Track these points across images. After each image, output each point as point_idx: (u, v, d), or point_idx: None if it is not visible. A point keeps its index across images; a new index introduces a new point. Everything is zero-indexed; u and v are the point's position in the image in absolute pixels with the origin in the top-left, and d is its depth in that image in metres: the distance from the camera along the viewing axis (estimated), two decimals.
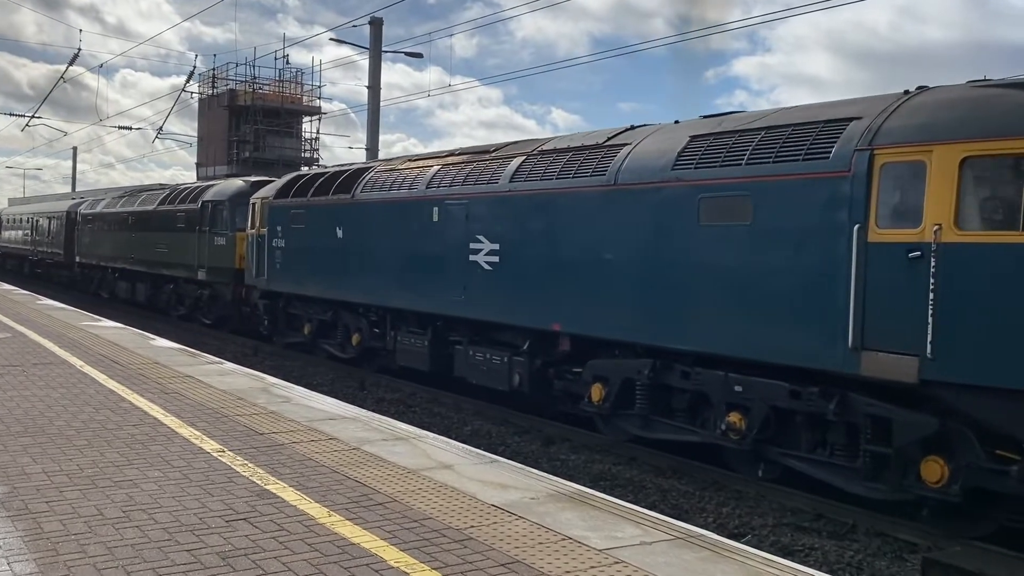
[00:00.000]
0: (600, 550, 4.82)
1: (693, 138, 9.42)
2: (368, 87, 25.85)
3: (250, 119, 35.59)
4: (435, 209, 12.95)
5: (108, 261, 29.81)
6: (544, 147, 11.74)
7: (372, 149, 25.71)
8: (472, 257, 12.04)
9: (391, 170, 14.78)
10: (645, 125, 10.95)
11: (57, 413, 7.99)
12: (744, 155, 8.67)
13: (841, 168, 7.74)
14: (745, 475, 9.03)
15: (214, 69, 37.95)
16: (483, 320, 12.11)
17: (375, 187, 14.72)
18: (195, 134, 40.30)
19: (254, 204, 19.04)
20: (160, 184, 33.52)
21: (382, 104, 25.95)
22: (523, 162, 11.68)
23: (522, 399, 12.09)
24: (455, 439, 9.00)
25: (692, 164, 9.16)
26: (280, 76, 36.11)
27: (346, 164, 17.26)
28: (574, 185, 10.61)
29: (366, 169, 15.70)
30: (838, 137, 7.92)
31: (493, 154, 12.66)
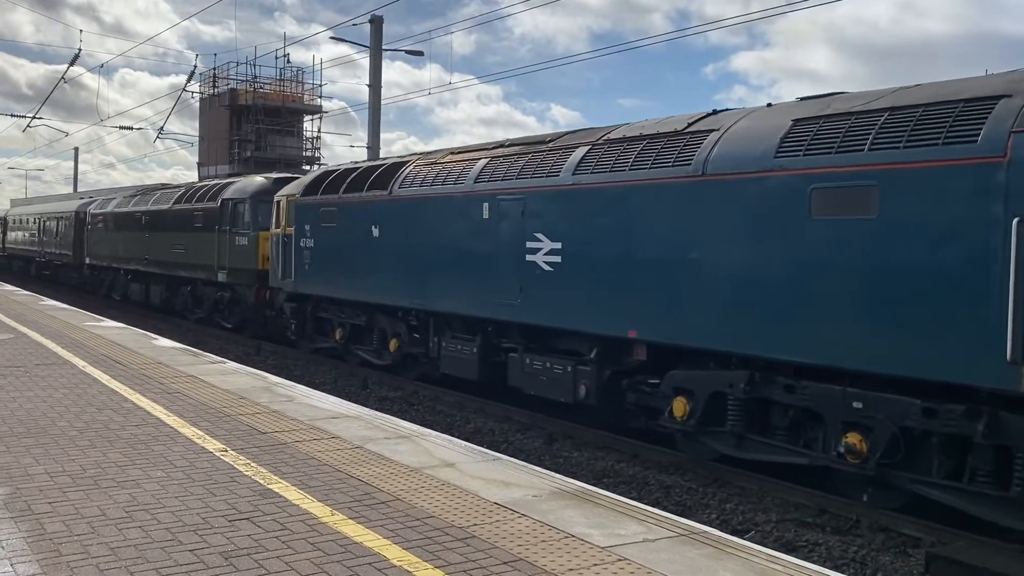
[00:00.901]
0: (603, 548, 4.82)
1: (797, 122, 8.40)
2: (369, 85, 25.84)
3: (251, 118, 35.59)
4: (485, 205, 11.92)
5: (120, 262, 28.85)
6: (611, 135, 10.67)
7: (373, 147, 25.68)
8: (529, 257, 11.06)
9: (432, 164, 13.74)
10: (728, 110, 9.98)
11: (60, 414, 8.00)
12: (866, 140, 7.68)
13: (994, 153, 6.78)
14: (855, 500, 8.10)
15: (215, 68, 37.95)
16: (542, 326, 11.12)
17: (415, 182, 13.71)
18: (196, 133, 40.35)
19: (279, 202, 18.07)
20: (164, 184, 33.23)
21: (382, 102, 25.94)
22: (588, 152, 10.63)
23: (588, 413, 11.16)
24: (457, 437, 9.01)
25: (800, 151, 8.14)
26: (281, 75, 36.11)
27: (379, 159, 16.23)
28: (651, 176, 9.54)
29: (403, 163, 14.62)
30: (986, 117, 6.98)
31: (550, 144, 11.63)
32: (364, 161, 16.81)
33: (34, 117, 42.98)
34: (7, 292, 25.33)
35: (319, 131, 37.03)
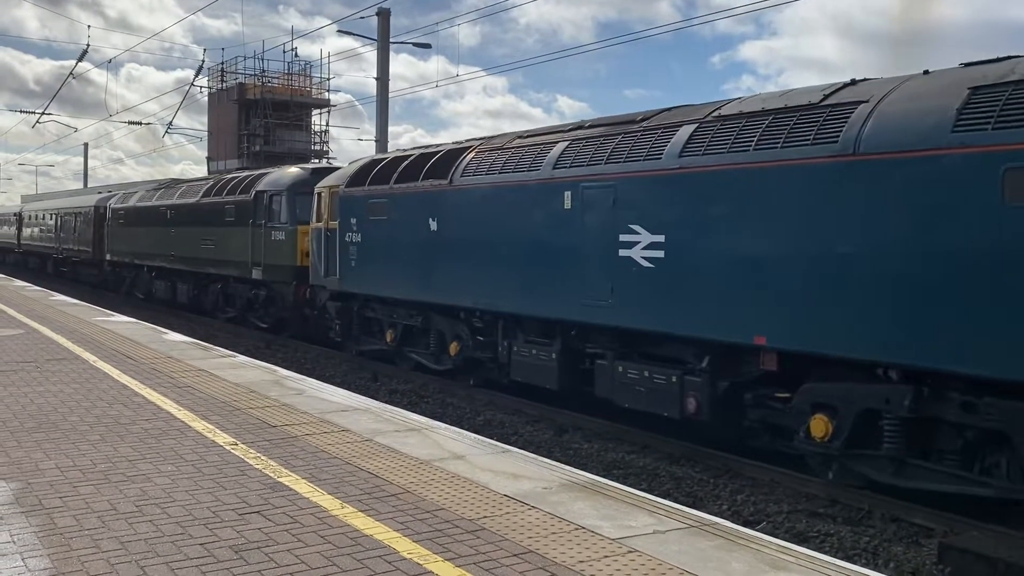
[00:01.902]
0: (613, 539, 4.80)
1: (976, 90, 7.11)
2: (376, 79, 25.83)
3: (260, 113, 35.62)
4: (567, 194, 10.66)
5: (143, 259, 27.68)
6: (723, 111, 9.37)
7: (382, 141, 25.69)
8: (624, 252, 9.77)
9: (498, 149, 12.46)
10: (867, 80, 8.60)
11: (71, 408, 8.02)
12: None
13: None
14: None
15: (223, 63, 37.98)
16: (639, 330, 9.80)
17: (480, 170, 12.41)
18: (203, 128, 40.41)
19: (320, 194, 16.86)
20: (174, 178, 33.19)
21: (389, 95, 25.91)
22: (696, 131, 9.32)
23: (698, 429, 9.75)
24: (467, 429, 9.02)
25: (986, 124, 6.84)
26: (289, 69, 36.12)
27: (433, 146, 14.84)
28: (783, 158, 8.23)
29: (463, 149, 13.34)
30: None
31: (644, 123, 10.30)
32: (415, 148, 15.39)
33: (43, 113, 43.15)
34: (18, 288, 25.44)
35: (327, 125, 36.99)
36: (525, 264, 11.39)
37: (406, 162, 14.46)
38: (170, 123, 37.81)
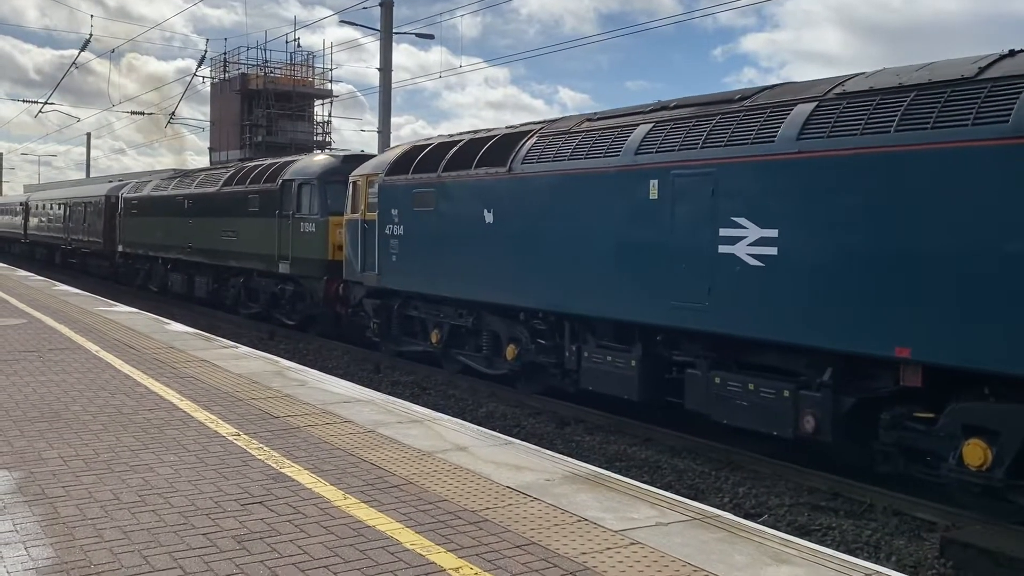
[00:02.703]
0: (616, 531, 4.80)
1: None
2: (379, 69, 25.77)
3: (262, 103, 35.58)
4: (653, 183, 9.51)
5: (158, 251, 26.38)
6: (847, 87, 8.27)
7: (384, 132, 25.65)
8: (725, 248, 8.68)
9: (565, 134, 11.31)
10: None
11: (73, 398, 8.03)
12: None
13: None
14: None
15: (225, 54, 37.92)
16: (743, 337, 8.69)
17: (543, 156, 11.29)
18: (205, 118, 40.36)
19: (356, 183, 15.66)
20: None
21: (391, 86, 25.86)
22: (816, 111, 8.23)
23: (817, 449, 8.78)
24: (469, 421, 9.01)
25: None
26: (291, 60, 36.06)
27: (482, 130, 13.72)
28: (936, 140, 7.10)
29: (522, 134, 12.13)
30: None
31: (747, 103, 9.13)
32: (463, 133, 14.13)
33: (46, 103, 43.10)
34: (21, 277, 25.45)
35: (330, 115, 36.95)
36: (600, 261, 10.28)
37: (455, 148, 13.32)
38: (172, 113, 37.67)
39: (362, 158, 17.90)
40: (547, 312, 11.46)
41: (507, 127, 13.13)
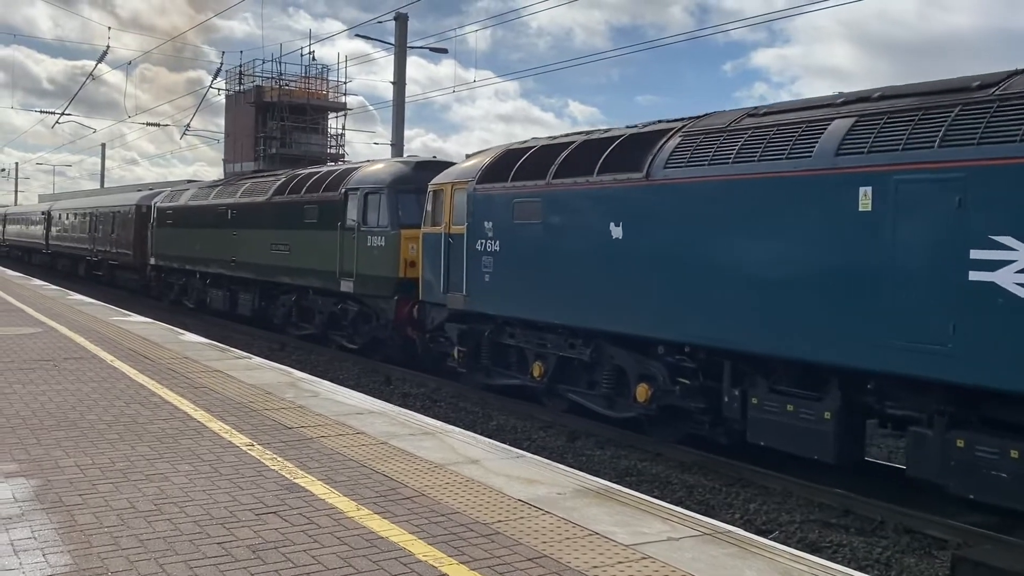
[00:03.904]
0: (627, 546, 4.83)
1: None
2: (393, 83, 25.95)
3: (276, 115, 35.80)
4: (864, 191, 7.78)
5: (196, 264, 24.73)
6: None
7: (398, 144, 25.80)
8: (979, 275, 6.91)
9: (721, 132, 9.52)
10: None
11: (88, 407, 8.10)
12: None
13: None
14: None
15: (240, 66, 38.23)
16: (1008, 391, 6.82)
17: (695, 159, 9.52)
18: (216, 130, 40.61)
19: (437, 192, 13.99)
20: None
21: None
22: None
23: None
24: (480, 434, 9.05)
25: None
26: (306, 72, 36.29)
27: (597, 130, 11.98)
28: None
29: (659, 134, 10.35)
30: None
31: (995, 90, 7.35)
32: (575, 133, 12.37)
33: (63, 114, 43.45)
34: (36, 287, 25.64)
35: (343, 128, 37.18)
36: (780, 287, 8.48)
37: (567, 152, 11.61)
38: (187, 125, 37.93)
39: (436, 165, 16.48)
40: (698, 347, 9.54)
41: (627, 127, 11.37)
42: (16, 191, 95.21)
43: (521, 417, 12.18)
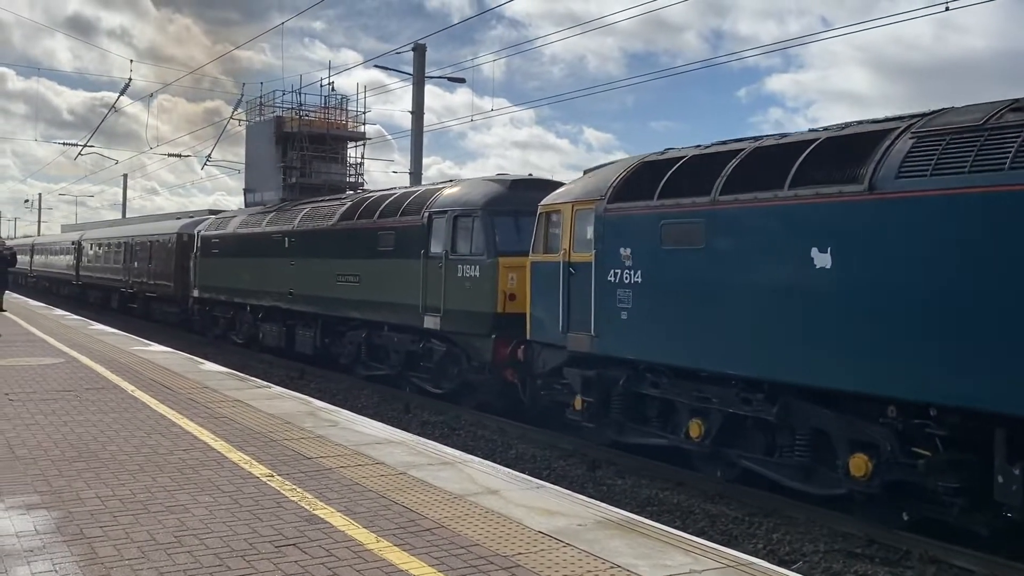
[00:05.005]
0: None
1: None
2: (412, 112, 26.18)
3: (296, 145, 36.11)
4: None
5: (246, 297, 22.94)
6: None
7: (416, 173, 25.97)
8: None
9: (980, 130, 7.47)
10: None
11: (110, 438, 8.13)
12: None
13: None
14: None
15: (261, 97, 38.64)
16: None
17: (942, 166, 7.53)
18: (236, 159, 40.94)
19: (550, 215, 12.17)
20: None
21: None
22: None
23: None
24: (500, 463, 9.01)
25: None
26: (326, 103, 36.64)
27: (776, 135, 9.92)
28: None
29: (879, 136, 8.35)
30: None
31: None
32: (740, 140, 10.20)
33: (85, 145, 43.98)
34: (58, 316, 25.85)
35: (363, 157, 37.50)
36: None
37: (736, 160, 9.62)
38: (209, 155, 38.27)
39: (533, 183, 14.92)
40: (953, 409, 7.44)
41: (810, 130, 9.56)
42: (39, 221, 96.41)
43: (541, 446, 12.12)
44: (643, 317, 10.30)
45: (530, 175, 15.85)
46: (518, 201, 14.05)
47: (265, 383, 12.83)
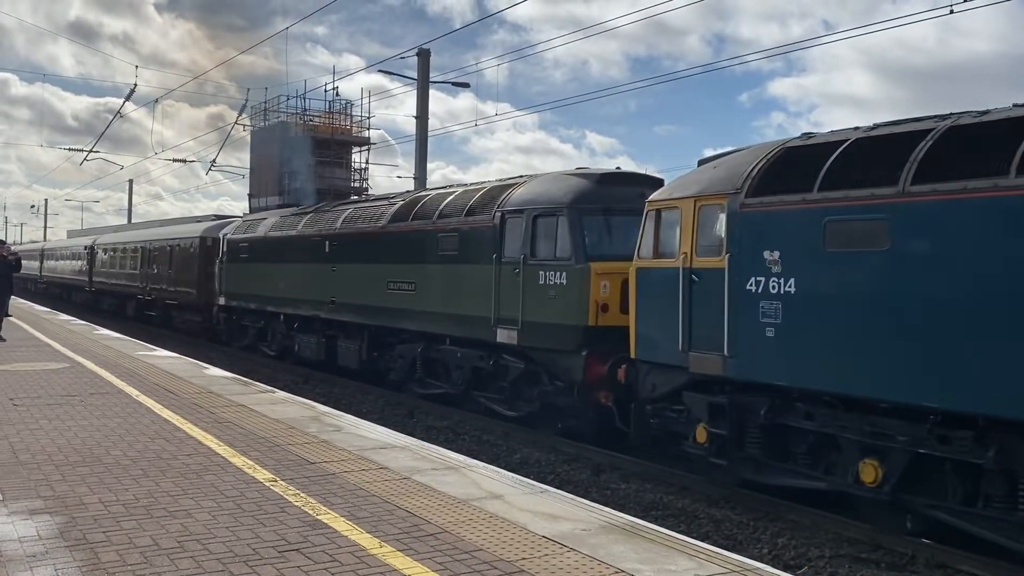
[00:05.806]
0: None
1: None
2: (416, 117, 26.19)
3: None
4: None
5: (279, 305, 21.17)
6: None
7: (420, 177, 25.97)
8: None
9: None
10: None
11: (113, 443, 8.13)
12: None
13: None
14: None
15: (266, 102, 38.72)
16: None
17: None
18: (240, 164, 41.02)
19: (661, 211, 10.38)
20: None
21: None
22: None
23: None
24: (504, 467, 8.98)
25: None
26: (330, 108, 36.71)
27: (979, 112, 7.82)
28: None
29: None
30: None
31: None
32: (927, 118, 8.27)
33: (90, 151, 44.03)
34: (63, 321, 25.89)
35: (367, 162, 37.56)
36: None
37: (928, 142, 7.78)
38: (213, 161, 38.37)
39: (626, 177, 13.14)
40: None
41: None
42: (45, 227, 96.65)
43: (545, 450, 12.10)
44: (797, 335, 8.48)
45: (618, 168, 13.54)
46: (609, 198, 12.35)
47: (269, 388, 12.82)
